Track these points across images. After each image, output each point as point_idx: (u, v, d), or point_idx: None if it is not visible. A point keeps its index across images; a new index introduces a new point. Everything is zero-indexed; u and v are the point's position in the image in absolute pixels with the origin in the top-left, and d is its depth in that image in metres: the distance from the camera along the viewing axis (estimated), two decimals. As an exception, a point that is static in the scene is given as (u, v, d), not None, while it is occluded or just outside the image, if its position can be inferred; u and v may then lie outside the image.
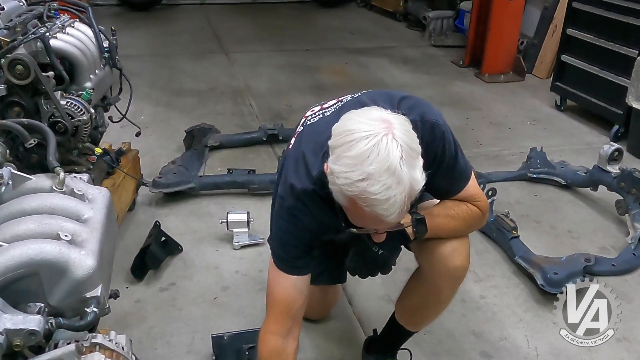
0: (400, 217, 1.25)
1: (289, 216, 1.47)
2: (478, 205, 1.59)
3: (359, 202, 1.21)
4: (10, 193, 1.36)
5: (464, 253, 1.62)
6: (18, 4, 2.32)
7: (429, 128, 1.43)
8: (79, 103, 2.16)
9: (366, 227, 1.37)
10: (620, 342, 2.13)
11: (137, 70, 4.57)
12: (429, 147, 1.39)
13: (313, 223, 1.47)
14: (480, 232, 2.76)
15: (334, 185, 1.25)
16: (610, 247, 2.70)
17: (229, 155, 3.49)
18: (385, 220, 1.22)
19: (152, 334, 2.12)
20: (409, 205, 1.24)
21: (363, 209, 1.22)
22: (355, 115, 1.27)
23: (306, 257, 1.54)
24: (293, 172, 1.47)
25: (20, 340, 1.06)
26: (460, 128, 4.02)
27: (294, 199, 1.44)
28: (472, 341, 2.13)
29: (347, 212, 1.34)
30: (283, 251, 1.54)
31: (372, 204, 1.19)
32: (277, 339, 1.56)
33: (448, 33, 6.11)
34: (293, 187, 1.44)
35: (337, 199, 1.28)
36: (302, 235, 1.50)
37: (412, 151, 1.21)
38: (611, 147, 2.88)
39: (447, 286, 1.68)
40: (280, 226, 1.52)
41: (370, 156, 1.17)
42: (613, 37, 3.82)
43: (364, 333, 2.13)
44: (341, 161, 1.21)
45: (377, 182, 1.17)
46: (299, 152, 1.49)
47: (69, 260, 1.15)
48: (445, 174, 1.50)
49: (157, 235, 2.49)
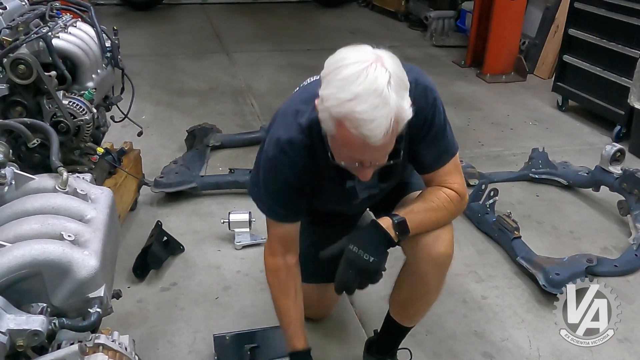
0: (385, 141, 1.27)
1: (270, 166, 1.54)
2: (456, 189, 1.59)
3: (345, 123, 1.24)
4: (13, 193, 1.36)
5: (447, 240, 1.62)
6: (20, 3, 2.33)
7: (421, 91, 1.47)
8: (81, 103, 2.16)
9: (352, 159, 1.37)
10: (622, 343, 2.13)
11: (138, 69, 4.57)
12: (419, 110, 1.43)
13: (292, 175, 1.52)
14: (482, 232, 2.76)
15: (323, 112, 1.30)
16: (612, 248, 2.70)
17: (231, 155, 3.49)
18: (370, 142, 1.25)
19: (154, 333, 2.12)
20: (395, 133, 1.29)
21: (349, 133, 1.25)
22: (346, 48, 1.32)
23: (290, 207, 1.60)
24: (281, 126, 1.52)
25: (24, 340, 1.06)
26: (462, 128, 4.02)
27: (278, 150, 1.50)
28: (474, 341, 2.13)
29: (333, 147, 1.37)
30: (267, 199, 1.60)
31: (359, 124, 1.23)
32: (277, 258, 1.68)
33: (449, 33, 6.10)
34: (279, 139, 1.50)
35: (326, 127, 1.32)
36: (282, 187, 1.55)
37: (401, 81, 1.27)
38: (613, 148, 2.88)
39: (432, 274, 1.68)
40: (262, 177, 1.58)
41: (359, 78, 1.23)
42: (615, 38, 3.82)
43: (366, 334, 2.13)
44: (331, 84, 1.27)
45: (365, 102, 1.22)
46: (289, 106, 1.55)
47: (72, 261, 1.15)
48: (432, 143, 1.53)
49: (158, 235, 2.49)
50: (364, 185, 1.62)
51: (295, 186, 1.56)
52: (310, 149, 1.50)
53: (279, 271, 1.69)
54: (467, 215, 2.87)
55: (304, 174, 1.54)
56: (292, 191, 1.57)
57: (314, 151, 1.50)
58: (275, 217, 1.63)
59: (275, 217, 1.64)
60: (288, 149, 1.49)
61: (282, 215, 1.63)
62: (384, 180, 1.64)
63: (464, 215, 2.88)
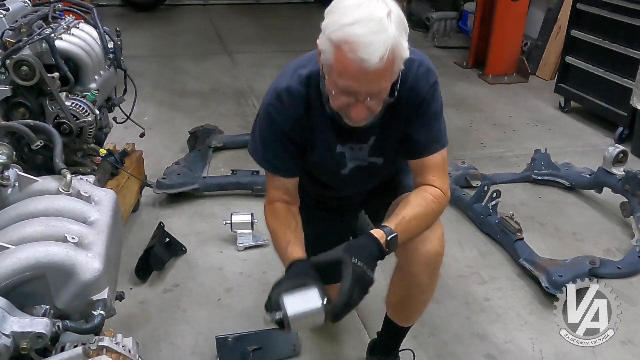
0: (381, 69, 1.28)
1: (265, 114, 1.56)
2: (440, 186, 1.58)
3: (343, 47, 1.27)
4: (17, 195, 1.36)
5: (435, 238, 1.61)
6: (23, 4, 2.33)
7: (424, 71, 1.51)
8: (83, 104, 2.16)
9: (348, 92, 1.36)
10: (625, 345, 2.12)
11: (140, 70, 4.57)
12: (419, 89, 1.49)
13: (286, 124, 1.53)
14: (484, 234, 2.76)
15: (324, 42, 1.33)
16: (615, 250, 2.69)
17: (233, 156, 3.49)
18: (366, 66, 1.26)
19: (156, 335, 2.12)
20: (391, 68, 1.30)
21: (347, 58, 1.27)
22: None
23: (285, 159, 1.60)
24: (281, 77, 1.56)
25: (27, 343, 1.06)
26: (464, 129, 4.02)
27: (274, 97, 1.53)
28: (477, 343, 2.13)
29: (330, 83, 1.38)
30: (263, 150, 1.60)
31: (356, 47, 1.25)
32: (275, 203, 1.65)
33: (451, 34, 6.10)
34: (277, 87, 1.53)
35: (325, 57, 1.34)
36: (276, 136, 1.56)
37: (401, 21, 1.31)
38: (616, 149, 2.87)
39: (424, 273, 1.67)
40: (258, 126, 1.60)
41: (361, 7, 1.28)
42: (618, 39, 3.81)
43: (368, 335, 2.13)
44: (333, 13, 1.33)
45: (364, 26, 1.26)
46: (291, 65, 1.58)
47: (75, 263, 1.15)
48: (425, 127, 1.55)
49: (161, 236, 2.48)
50: (353, 155, 1.63)
51: (289, 136, 1.56)
52: (306, 101, 1.52)
53: (278, 211, 1.64)
54: (469, 217, 2.87)
55: (297, 126, 1.54)
56: (286, 142, 1.57)
57: (309, 104, 1.52)
58: (272, 169, 1.63)
59: (271, 170, 1.63)
60: (285, 96, 1.51)
61: (277, 168, 1.62)
62: (373, 155, 1.64)
63: (467, 217, 2.88)
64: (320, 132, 1.57)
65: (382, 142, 1.60)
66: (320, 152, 1.62)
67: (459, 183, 3.12)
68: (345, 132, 1.56)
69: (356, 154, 1.63)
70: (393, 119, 1.55)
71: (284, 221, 1.62)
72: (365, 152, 1.63)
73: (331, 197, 1.90)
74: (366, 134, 1.58)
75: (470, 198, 2.88)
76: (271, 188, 1.67)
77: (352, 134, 1.57)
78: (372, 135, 1.59)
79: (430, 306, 2.26)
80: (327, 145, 1.61)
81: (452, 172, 3.17)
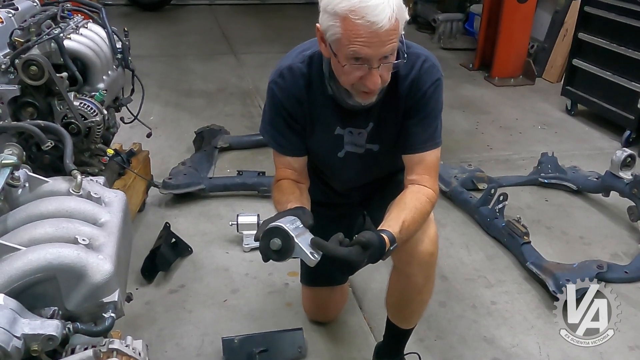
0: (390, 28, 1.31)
1: (268, 91, 1.60)
2: (431, 186, 1.58)
3: (351, 16, 1.30)
4: (27, 195, 1.36)
5: (427, 238, 1.62)
6: (32, 4, 2.34)
7: (429, 67, 1.54)
8: (92, 104, 2.15)
9: (360, 58, 1.36)
10: (633, 350, 2.11)
11: (146, 70, 4.57)
12: (421, 83, 1.52)
13: (287, 101, 1.57)
14: (491, 237, 2.75)
15: (327, 18, 1.35)
16: (622, 254, 2.68)
17: (239, 156, 3.49)
18: (376, 28, 1.29)
19: (162, 336, 2.11)
20: (397, 27, 1.33)
21: (356, 24, 1.30)
22: None
23: (290, 138, 1.62)
24: (285, 58, 1.61)
25: (38, 345, 1.06)
26: (470, 132, 4.02)
27: (277, 75, 1.57)
28: (484, 347, 2.12)
29: (339, 56, 1.38)
30: (270, 128, 1.64)
31: (365, 12, 1.29)
32: (283, 179, 1.67)
33: (458, 36, 6.10)
34: (280, 66, 1.58)
35: (331, 33, 1.35)
36: (280, 113, 1.59)
37: None
38: (624, 153, 2.86)
39: (418, 274, 1.67)
40: (266, 106, 1.64)
41: None
42: (625, 42, 3.79)
43: (375, 338, 2.12)
44: None
45: None
46: (297, 46, 1.63)
47: (86, 265, 1.15)
48: (422, 123, 1.56)
49: (167, 237, 2.49)
50: (352, 140, 1.64)
51: (290, 113, 1.59)
52: (307, 79, 1.55)
53: (283, 185, 1.64)
54: (476, 220, 2.86)
55: (297, 103, 1.57)
56: (289, 119, 1.60)
57: (310, 82, 1.55)
58: (278, 148, 1.65)
59: (278, 149, 1.66)
60: (286, 73, 1.56)
61: (282, 146, 1.64)
62: (370, 142, 1.65)
63: (473, 220, 2.87)
64: (320, 111, 1.59)
65: (380, 130, 1.62)
66: (320, 133, 1.63)
67: (465, 186, 3.11)
68: (345, 115, 1.59)
69: (355, 139, 1.64)
70: (392, 109, 1.57)
71: (288, 191, 1.62)
72: (364, 139, 1.64)
73: (330, 193, 1.90)
74: (365, 119, 1.60)
75: (477, 201, 2.87)
76: (279, 167, 1.69)
77: (352, 117, 1.59)
78: (370, 122, 1.61)
79: (437, 309, 2.27)
80: (326, 126, 1.62)
81: (458, 174, 3.16)
